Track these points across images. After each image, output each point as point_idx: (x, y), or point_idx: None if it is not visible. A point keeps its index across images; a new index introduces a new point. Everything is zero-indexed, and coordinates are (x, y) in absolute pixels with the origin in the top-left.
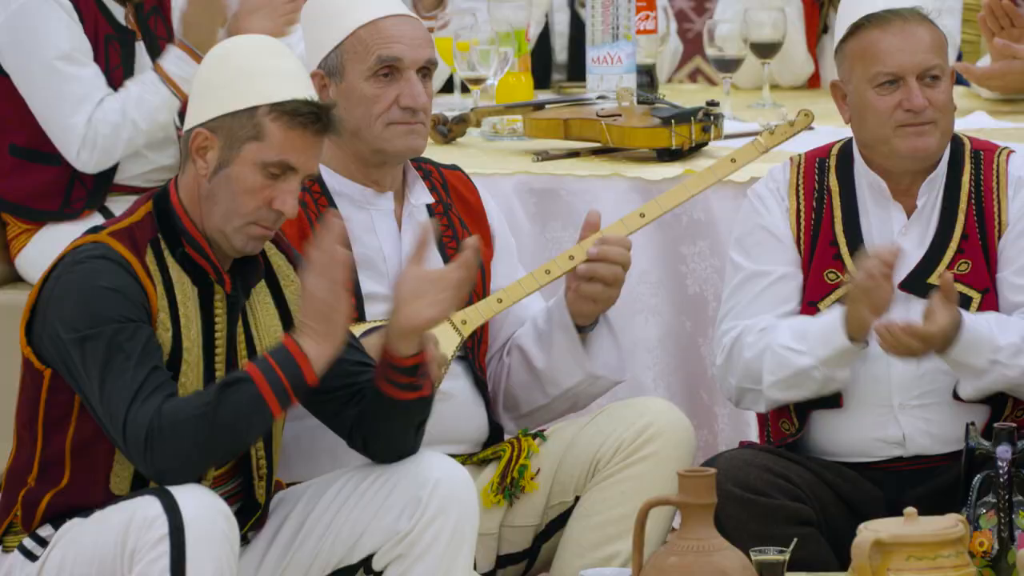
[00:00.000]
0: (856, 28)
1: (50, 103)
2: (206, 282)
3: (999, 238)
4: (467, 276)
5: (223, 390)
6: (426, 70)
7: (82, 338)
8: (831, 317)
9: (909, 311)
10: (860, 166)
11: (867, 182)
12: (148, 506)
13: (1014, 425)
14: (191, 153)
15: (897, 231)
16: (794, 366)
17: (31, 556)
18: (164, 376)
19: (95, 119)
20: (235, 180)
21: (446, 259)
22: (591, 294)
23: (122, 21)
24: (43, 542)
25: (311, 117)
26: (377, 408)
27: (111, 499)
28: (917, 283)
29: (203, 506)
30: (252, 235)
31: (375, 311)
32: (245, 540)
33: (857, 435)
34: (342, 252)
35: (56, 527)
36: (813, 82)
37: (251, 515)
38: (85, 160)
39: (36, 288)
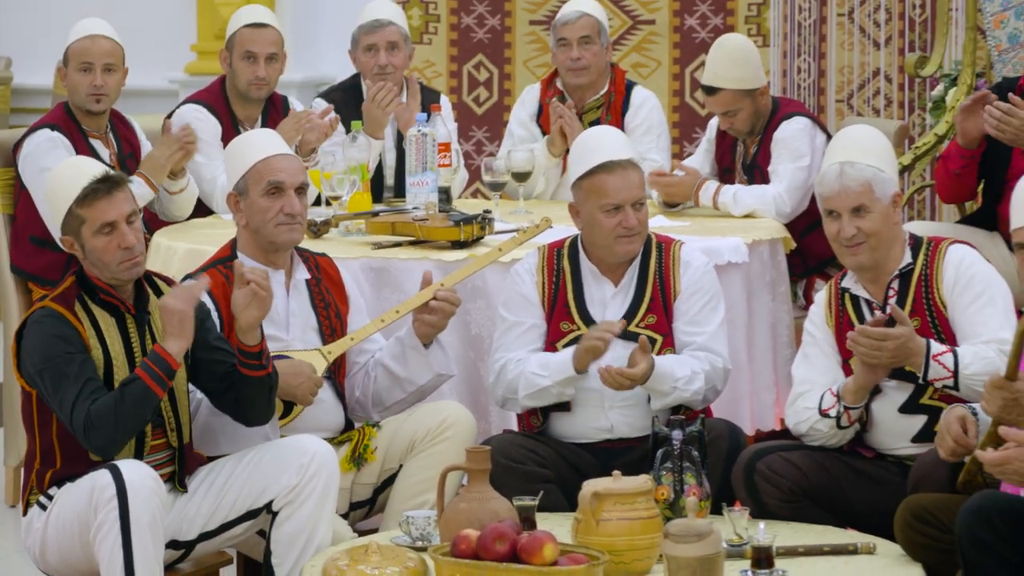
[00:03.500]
0: (590, 172)
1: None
2: (119, 314)
3: (674, 301)
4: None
5: (123, 388)
6: (301, 189)
7: (41, 370)
8: (564, 356)
9: (616, 348)
10: (583, 255)
11: (587, 266)
12: (103, 476)
13: (684, 417)
14: (71, 252)
15: (608, 297)
16: (538, 385)
17: (43, 508)
18: (95, 385)
19: None
20: (93, 251)
21: (318, 317)
22: (431, 322)
23: (106, 159)
24: (51, 498)
25: (96, 185)
26: (241, 385)
27: (92, 465)
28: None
29: (138, 473)
30: (126, 268)
31: (272, 347)
32: (184, 486)
33: (580, 425)
34: (198, 285)
35: (59, 487)
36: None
37: (181, 461)
38: None
39: (15, 338)
